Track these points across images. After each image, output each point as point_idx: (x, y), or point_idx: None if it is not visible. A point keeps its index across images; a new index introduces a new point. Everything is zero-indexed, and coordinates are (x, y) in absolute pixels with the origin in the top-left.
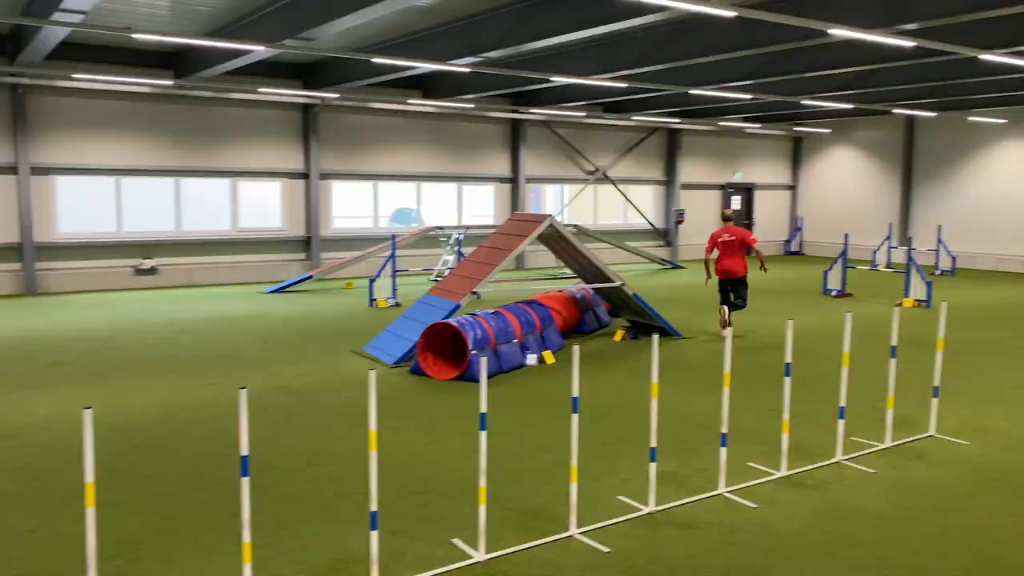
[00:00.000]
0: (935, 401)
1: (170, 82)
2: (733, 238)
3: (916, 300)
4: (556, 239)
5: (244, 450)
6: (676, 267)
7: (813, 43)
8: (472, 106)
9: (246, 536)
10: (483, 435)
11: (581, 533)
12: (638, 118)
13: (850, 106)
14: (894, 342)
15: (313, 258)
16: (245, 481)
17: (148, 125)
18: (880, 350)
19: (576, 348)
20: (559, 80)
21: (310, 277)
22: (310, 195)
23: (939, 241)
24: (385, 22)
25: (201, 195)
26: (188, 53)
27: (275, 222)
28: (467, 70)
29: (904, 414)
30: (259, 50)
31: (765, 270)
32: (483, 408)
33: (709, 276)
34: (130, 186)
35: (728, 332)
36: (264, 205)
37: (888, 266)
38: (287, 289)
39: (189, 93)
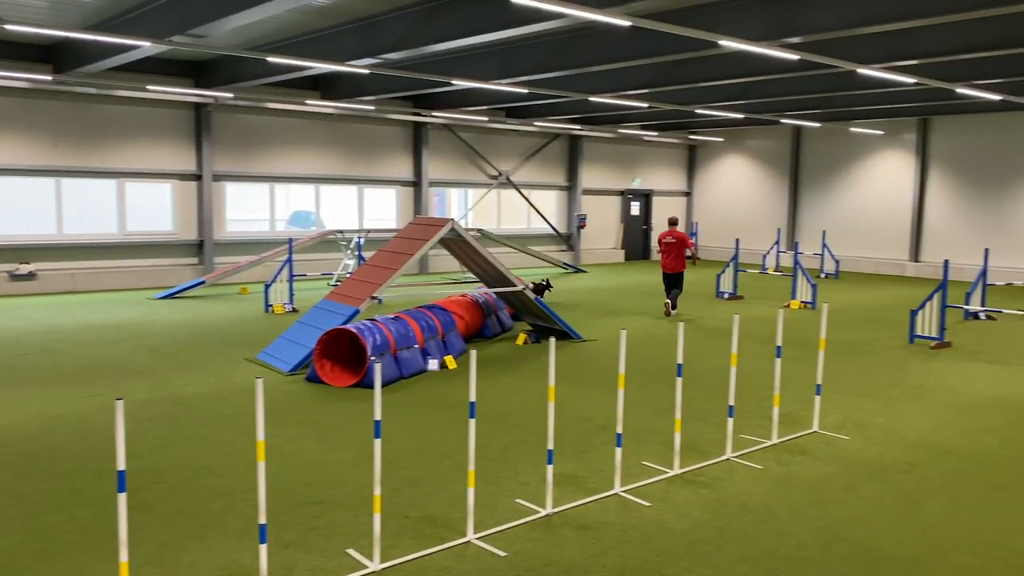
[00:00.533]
0: (818, 399)
1: (49, 77)
2: (673, 240)
3: (802, 302)
4: (458, 243)
5: (121, 464)
6: (579, 271)
7: (705, 54)
8: (372, 108)
9: (123, 555)
10: (377, 443)
11: (478, 538)
12: (540, 124)
13: (740, 116)
14: (779, 342)
15: (206, 263)
16: (122, 497)
17: (26, 122)
18: (769, 350)
19: (474, 353)
20: (460, 83)
21: (203, 282)
22: (203, 197)
23: (824, 246)
24: (281, 21)
25: (85, 197)
26: (69, 47)
27: (165, 225)
28: (366, 71)
29: (790, 411)
30: (145, 46)
31: (695, 263)
32: (377, 415)
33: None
34: (5, 186)
35: (673, 314)
36: (153, 207)
37: (777, 270)
38: (178, 295)
39: (71, 89)
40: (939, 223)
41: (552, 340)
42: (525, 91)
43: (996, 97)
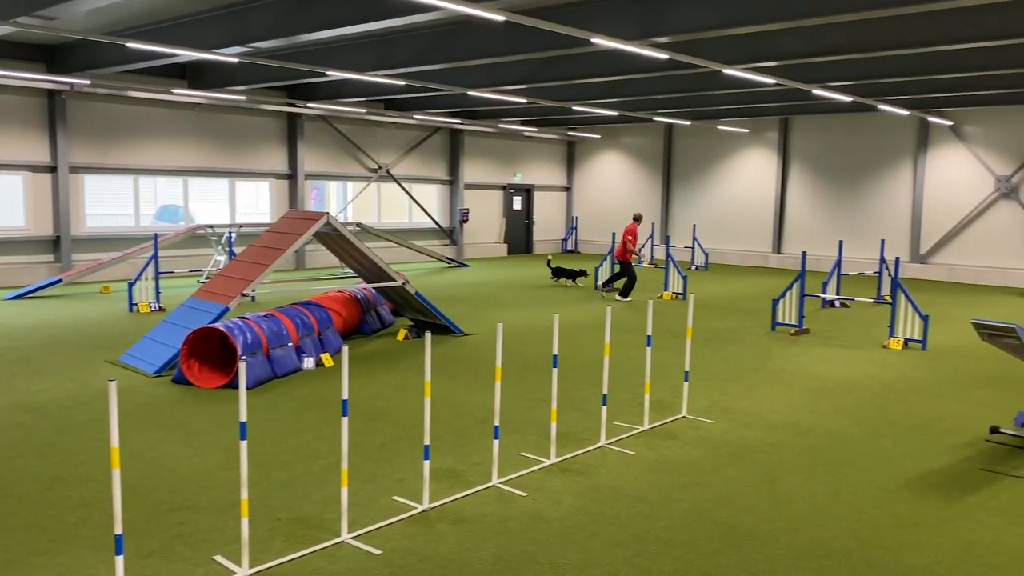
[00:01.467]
0: (686, 385)
1: None
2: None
3: (674, 293)
4: (334, 238)
5: None
6: (462, 265)
7: (579, 51)
8: (244, 98)
9: None
10: (243, 444)
11: (353, 537)
12: (420, 117)
13: (615, 113)
14: (649, 332)
15: (63, 260)
16: None
17: None
18: (642, 340)
19: (345, 350)
20: (335, 75)
21: (59, 281)
22: (59, 190)
23: (694, 239)
24: (143, 4)
25: None
26: None
27: (17, 220)
28: (235, 60)
29: (661, 398)
30: None
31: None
32: (242, 417)
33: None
34: None
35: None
36: (3, 202)
37: (652, 262)
38: (32, 295)
39: None
40: (799, 217)
41: (428, 335)
42: (403, 83)
43: (847, 98)
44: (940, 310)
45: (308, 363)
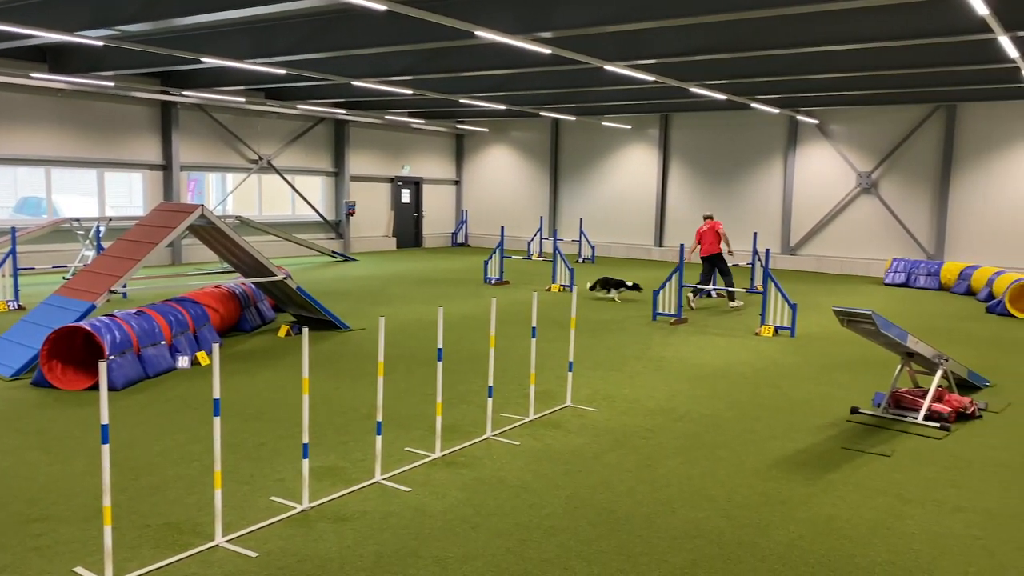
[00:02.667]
0: (570, 375)
1: None
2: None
3: (562, 286)
4: (210, 231)
5: None
6: (348, 259)
7: (464, 43)
8: (112, 84)
9: None
10: (105, 449)
11: (228, 541)
12: (303, 107)
13: (503, 107)
14: (534, 323)
15: None
16: None
17: None
18: (529, 332)
19: (216, 347)
20: (211, 61)
21: None
22: None
23: (581, 232)
24: None
25: None
26: None
27: None
28: (100, 44)
29: (547, 388)
30: None
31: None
32: (104, 419)
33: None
34: None
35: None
36: None
37: (540, 255)
38: None
39: None
40: (679, 210)
41: (305, 330)
42: (283, 72)
43: (723, 96)
44: (808, 299)
45: (183, 362)
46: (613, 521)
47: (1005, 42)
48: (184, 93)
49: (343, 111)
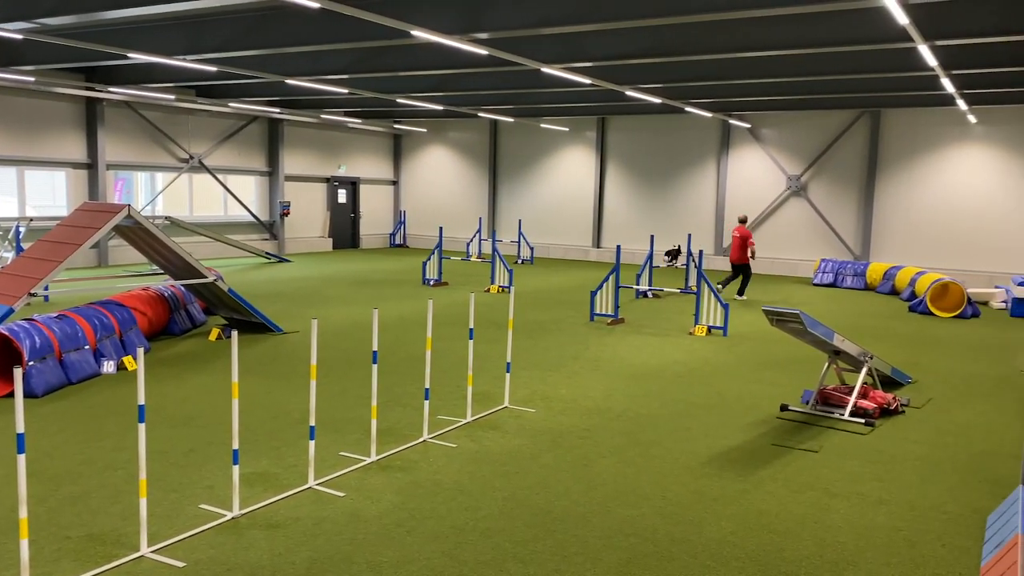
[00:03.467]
0: (508, 376)
1: None
2: (737, 236)
3: (500, 287)
4: (137, 232)
5: None
6: (283, 260)
7: (400, 43)
8: (32, 79)
9: None
10: (21, 459)
11: (153, 551)
12: (235, 105)
13: (440, 107)
14: (471, 325)
15: None
16: None
17: None
18: (467, 333)
19: (141, 351)
20: (139, 57)
21: None
22: None
23: (520, 233)
24: None
25: None
26: None
27: None
28: (19, 37)
29: (485, 390)
30: None
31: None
32: (20, 428)
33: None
34: None
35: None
36: None
37: (479, 256)
38: None
39: None
40: (616, 212)
41: (235, 333)
42: (215, 69)
43: (657, 100)
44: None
45: (108, 367)
46: (549, 521)
47: (924, 51)
48: (110, 89)
49: (277, 110)
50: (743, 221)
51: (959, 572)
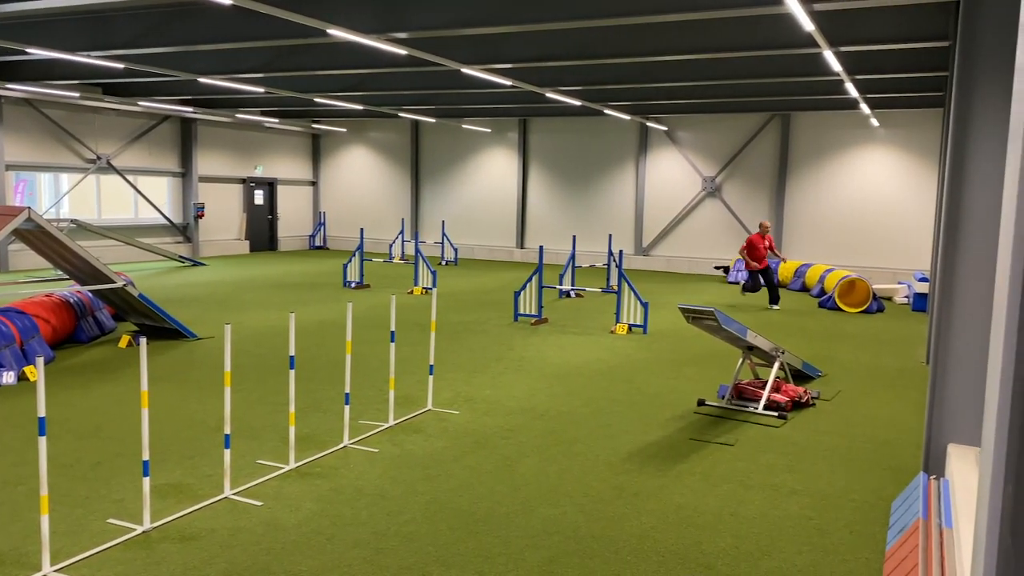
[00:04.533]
0: (431, 378)
1: None
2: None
3: (424, 288)
4: (39, 236)
5: None
6: (197, 264)
7: (317, 41)
8: None
9: None
10: None
11: (57, 570)
12: (145, 103)
13: (360, 107)
14: (392, 327)
15: None
16: None
17: None
18: (388, 336)
19: (40, 360)
20: (40, 53)
21: None
22: None
23: (443, 235)
24: None
25: None
26: None
27: None
28: None
29: (408, 393)
30: None
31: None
32: None
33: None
34: None
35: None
36: None
37: (402, 258)
38: None
39: None
40: (539, 213)
41: (143, 339)
42: (122, 66)
43: (577, 102)
44: (659, 297)
45: (8, 378)
46: (472, 523)
47: (829, 56)
48: (8, 86)
49: (190, 109)
50: (765, 231)
51: (866, 557)
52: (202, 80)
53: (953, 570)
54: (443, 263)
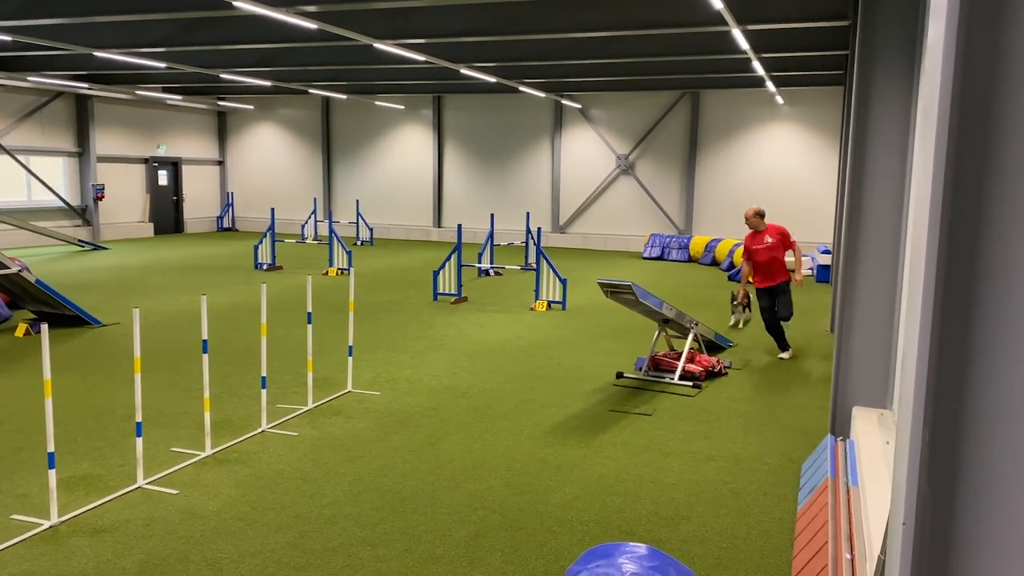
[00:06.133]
0: (351, 359)
1: None
2: (771, 241)
3: (339, 269)
4: None
5: None
6: (98, 248)
7: (222, 14)
8: None
9: None
10: None
11: None
12: (36, 79)
13: (268, 83)
14: (309, 308)
15: None
16: None
17: None
18: (305, 318)
19: None
20: None
21: None
22: None
23: (358, 214)
24: None
25: None
26: None
27: None
28: None
29: (327, 375)
30: None
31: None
32: None
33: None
34: None
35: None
36: None
37: (316, 239)
38: None
39: None
40: (455, 191)
41: (44, 326)
42: (9, 39)
43: (492, 79)
44: (577, 274)
45: None
46: (397, 502)
47: (737, 34)
48: None
49: (86, 85)
50: (761, 215)
51: (779, 517)
52: (98, 54)
53: (859, 524)
54: (358, 243)
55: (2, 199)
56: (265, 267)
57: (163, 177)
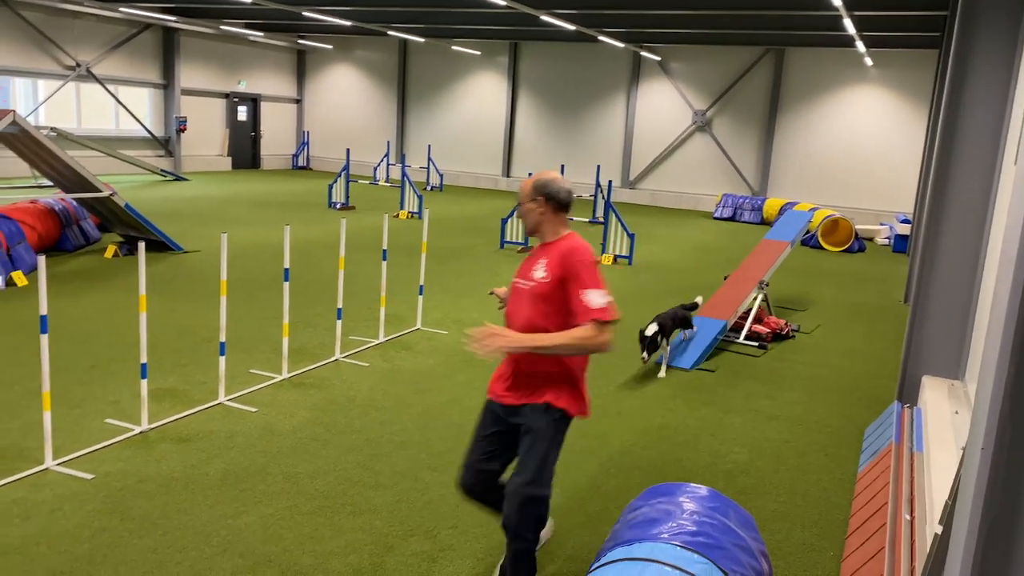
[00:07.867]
0: (421, 299)
1: None
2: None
3: (410, 212)
4: (23, 140)
5: None
6: (180, 179)
7: None
8: None
9: None
10: None
11: (59, 464)
12: (127, 10)
13: (348, 23)
14: (385, 247)
15: None
16: None
17: None
18: (378, 256)
19: (42, 259)
20: None
21: None
22: None
23: (429, 159)
24: None
25: None
26: None
27: None
28: None
29: (396, 312)
30: None
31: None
32: None
33: None
34: None
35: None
36: None
37: (387, 181)
38: None
39: None
40: (526, 141)
41: (141, 244)
42: None
43: (571, 27)
44: (644, 230)
45: None
46: (463, 435)
47: None
48: None
49: (173, 18)
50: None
51: (839, 477)
52: None
53: (921, 488)
54: (428, 188)
55: (92, 127)
56: (339, 206)
57: (242, 113)
